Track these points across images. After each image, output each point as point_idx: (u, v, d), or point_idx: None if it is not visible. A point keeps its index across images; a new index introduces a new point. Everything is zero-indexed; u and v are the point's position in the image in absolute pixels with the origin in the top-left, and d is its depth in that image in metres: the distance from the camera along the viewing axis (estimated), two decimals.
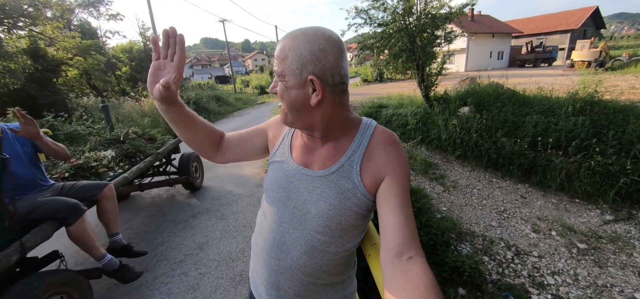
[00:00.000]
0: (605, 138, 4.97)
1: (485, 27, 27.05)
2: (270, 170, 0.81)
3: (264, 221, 0.80)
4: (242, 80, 29.90)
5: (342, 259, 0.76)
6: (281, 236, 0.74)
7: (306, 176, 0.73)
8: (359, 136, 0.74)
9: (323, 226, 0.70)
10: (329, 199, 0.69)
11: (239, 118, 10.93)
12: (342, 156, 0.72)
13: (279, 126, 0.86)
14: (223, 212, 3.12)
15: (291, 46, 0.64)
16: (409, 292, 0.50)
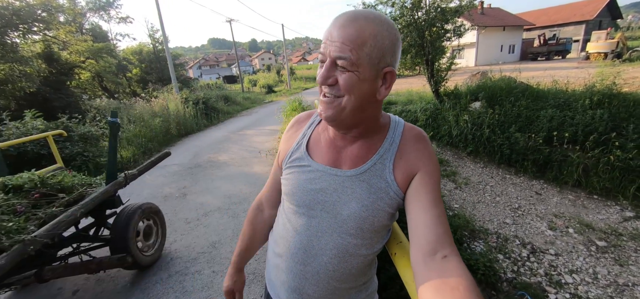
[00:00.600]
0: (625, 132, 4.79)
1: (496, 20, 26.45)
2: (289, 174, 0.76)
3: (287, 224, 0.76)
4: (249, 79, 30.08)
5: (370, 261, 0.75)
6: (309, 240, 0.71)
7: (335, 176, 0.70)
8: (391, 134, 0.72)
9: (355, 227, 0.68)
10: (362, 200, 0.67)
11: (248, 117, 10.99)
12: (374, 154, 0.69)
13: (289, 137, 0.83)
14: (234, 210, 3.14)
15: (372, 32, 0.57)
16: (446, 293, 0.47)
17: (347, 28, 0.57)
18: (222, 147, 6.12)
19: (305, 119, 0.84)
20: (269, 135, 6.92)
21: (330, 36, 0.59)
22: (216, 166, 4.80)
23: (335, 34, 0.58)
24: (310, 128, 0.80)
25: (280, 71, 31.94)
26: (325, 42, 0.60)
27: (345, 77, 0.59)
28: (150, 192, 3.83)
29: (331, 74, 0.60)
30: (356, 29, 0.56)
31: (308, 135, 0.79)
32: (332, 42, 0.58)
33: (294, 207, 0.74)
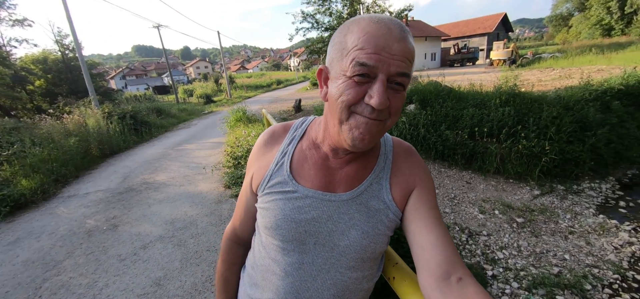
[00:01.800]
0: (528, 125, 5.76)
1: (419, 31, 29.67)
2: (269, 202, 0.63)
3: (272, 264, 0.64)
4: (184, 89, 27.90)
5: (368, 295, 0.67)
6: (301, 282, 0.61)
7: (328, 202, 0.60)
8: (383, 150, 0.66)
9: (355, 259, 0.61)
10: (361, 226, 0.60)
11: (186, 130, 10.12)
12: (369, 174, 0.63)
13: (262, 155, 0.69)
14: (180, 237, 2.80)
15: (414, 45, 0.52)
16: None
17: (406, 42, 0.50)
18: (158, 165, 5.48)
19: (281, 134, 0.70)
20: (213, 148, 6.46)
21: (386, 48, 0.48)
22: (153, 187, 4.26)
23: (395, 47, 0.48)
24: (290, 145, 0.67)
25: (218, 80, 30.40)
26: (376, 56, 0.48)
27: (400, 96, 0.52)
28: (69, 228, 3.18)
29: (387, 94, 0.50)
30: (411, 44, 0.51)
31: (290, 153, 0.66)
32: (391, 57, 0.48)
33: (278, 243, 0.62)
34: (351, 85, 0.50)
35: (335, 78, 0.53)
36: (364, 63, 0.48)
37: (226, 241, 0.79)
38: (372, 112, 0.50)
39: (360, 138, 0.53)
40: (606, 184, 5.45)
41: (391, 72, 0.49)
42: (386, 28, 0.49)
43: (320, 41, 10.06)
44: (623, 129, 6.07)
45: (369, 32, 0.49)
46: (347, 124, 0.53)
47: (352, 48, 0.50)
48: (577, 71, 11.05)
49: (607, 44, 20.74)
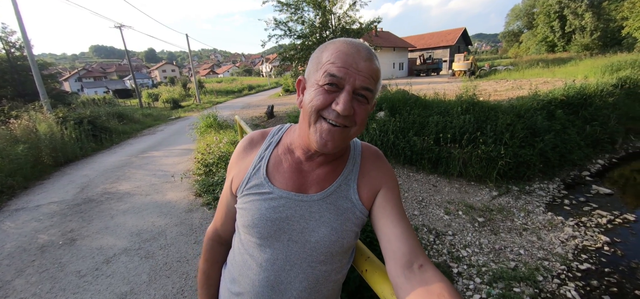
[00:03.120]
0: (485, 131, 6.25)
1: (388, 41, 30.96)
2: (247, 203, 0.68)
3: (249, 260, 0.69)
4: (149, 93, 26.44)
5: (340, 287, 0.74)
6: (276, 275, 0.66)
7: (300, 202, 0.66)
8: (353, 154, 0.73)
9: (325, 253, 0.67)
10: (330, 223, 0.66)
11: (151, 136, 9.59)
12: (338, 176, 0.69)
13: (241, 160, 0.74)
14: (148, 249, 2.66)
15: (380, 71, 0.61)
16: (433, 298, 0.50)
17: (373, 62, 0.58)
18: (121, 174, 5.15)
19: (259, 140, 0.76)
20: (182, 155, 6.20)
21: (353, 65, 0.56)
22: (116, 198, 4.00)
23: (361, 65, 0.57)
24: (267, 150, 0.73)
25: (186, 84, 29.22)
26: (344, 69, 0.56)
27: (364, 108, 0.59)
28: (17, 245, 2.88)
29: (353, 103, 0.57)
30: (376, 65, 0.59)
31: (266, 158, 0.71)
32: (357, 72, 0.56)
33: (255, 240, 0.67)
34: (322, 92, 0.58)
35: (309, 87, 0.61)
36: (334, 74, 0.56)
37: (208, 240, 0.83)
38: (338, 117, 0.57)
39: (324, 143, 0.59)
40: (553, 184, 6.06)
41: (356, 86, 0.56)
42: (355, 48, 0.58)
43: (293, 48, 10.12)
44: (565, 135, 6.80)
45: (340, 50, 0.58)
46: (314, 127, 0.60)
47: (326, 62, 0.58)
48: (526, 83, 12.19)
49: (552, 59, 23.14)
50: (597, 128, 7.34)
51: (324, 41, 9.05)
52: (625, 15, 23.05)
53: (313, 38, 9.09)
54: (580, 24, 29.93)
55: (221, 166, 4.23)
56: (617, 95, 8.47)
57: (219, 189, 3.53)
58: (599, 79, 9.70)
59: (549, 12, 33.01)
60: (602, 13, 28.74)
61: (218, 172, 4.06)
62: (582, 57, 20.52)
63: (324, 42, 5.81)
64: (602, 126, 7.48)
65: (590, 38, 28.49)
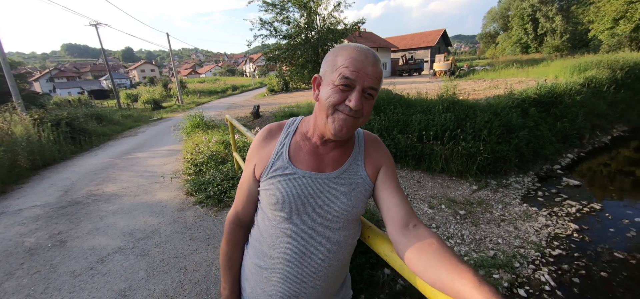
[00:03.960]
0: (465, 128, 6.57)
1: (371, 42, 31.41)
2: (273, 183, 0.79)
3: (278, 232, 0.79)
4: (127, 94, 25.57)
5: (352, 250, 0.86)
6: (304, 242, 0.78)
7: (320, 180, 0.79)
8: (357, 140, 0.88)
9: (343, 221, 0.80)
10: (346, 195, 0.79)
11: (133, 138, 9.35)
12: (349, 157, 0.83)
13: (262, 148, 0.85)
14: (143, 247, 2.67)
15: (382, 69, 0.75)
16: (426, 247, 0.64)
17: (378, 66, 0.72)
18: (106, 176, 5.03)
19: (277, 130, 0.87)
20: (168, 156, 6.12)
21: (363, 69, 0.70)
22: (103, 199, 3.93)
23: (369, 69, 0.70)
24: (286, 138, 0.84)
25: (167, 84, 28.45)
26: (356, 72, 0.69)
27: (370, 103, 0.74)
28: (2, 249, 2.80)
29: (361, 101, 0.71)
30: (380, 68, 0.73)
31: (287, 145, 0.83)
32: (367, 75, 0.70)
33: (284, 214, 0.78)
34: (337, 91, 0.71)
35: (326, 85, 0.74)
36: (348, 77, 0.70)
37: (230, 224, 0.92)
38: (350, 111, 0.71)
39: (339, 129, 0.73)
40: (527, 177, 6.46)
41: (365, 86, 0.70)
42: (364, 55, 0.71)
43: (279, 48, 10.15)
44: (538, 131, 7.25)
45: (352, 56, 0.71)
46: (331, 117, 0.73)
47: (340, 66, 0.71)
48: (503, 82, 12.81)
49: (525, 59, 24.35)
50: (566, 124, 7.87)
51: (310, 42, 9.11)
52: (591, 19, 24.62)
53: (299, 38, 9.17)
54: (551, 27, 31.65)
55: (211, 165, 4.25)
56: (584, 93, 9.10)
57: (211, 187, 3.56)
58: (568, 78, 10.37)
59: (523, 15, 34.67)
60: (571, 17, 30.52)
61: (208, 172, 4.07)
62: (553, 58, 21.74)
63: (309, 42, 6.04)
64: (571, 122, 8.02)
65: (560, 40, 30.18)
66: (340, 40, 9.91)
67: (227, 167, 3.98)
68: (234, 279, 0.93)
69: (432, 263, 0.61)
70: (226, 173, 3.80)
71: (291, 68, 9.86)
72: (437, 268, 0.59)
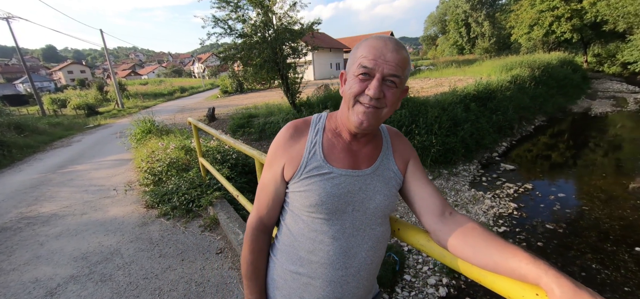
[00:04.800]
0: (419, 123, 7.09)
1: (324, 42, 31.94)
2: (309, 185, 0.75)
3: (319, 235, 0.76)
4: (52, 98, 22.26)
5: (387, 246, 0.89)
6: (347, 242, 0.76)
7: (357, 177, 0.77)
8: (384, 135, 0.87)
9: (381, 216, 0.80)
10: (383, 191, 0.79)
11: (67, 149, 8.19)
12: (380, 153, 0.83)
13: (290, 147, 0.80)
14: (102, 272, 2.37)
15: (408, 59, 0.71)
16: (470, 232, 0.67)
17: (399, 53, 0.68)
18: (39, 194, 4.34)
19: (304, 127, 0.83)
20: (116, 166, 5.50)
21: (381, 56, 0.67)
22: (39, 221, 3.39)
23: (389, 56, 0.67)
24: (317, 135, 0.80)
25: (103, 87, 25.43)
26: (374, 60, 0.67)
27: (393, 92, 0.70)
28: None
29: (382, 88, 0.68)
30: (404, 56, 0.69)
31: (319, 142, 0.79)
32: (386, 62, 0.67)
33: (324, 216, 0.75)
34: (357, 81, 0.70)
35: (349, 79, 0.73)
36: (366, 66, 0.68)
37: (253, 230, 0.86)
38: (371, 100, 0.68)
39: (360, 122, 0.71)
40: (473, 165, 7.21)
41: (385, 73, 0.68)
42: (383, 42, 0.69)
43: (234, 47, 9.79)
44: (479, 124, 8.13)
45: (371, 45, 0.69)
46: (353, 109, 0.72)
47: (360, 56, 0.70)
48: (446, 80, 14.08)
49: (462, 60, 27.09)
50: (500, 117, 8.97)
51: (268, 40, 8.92)
52: (512, 24, 28.31)
53: (256, 37, 8.95)
54: (481, 31, 35.65)
55: (172, 173, 3.93)
56: (512, 89, 10.45)
57: (176, 197, 3.30)
58: (498, 77, 11.80)
59: (457, 20, 38.46)
60: (496, 22, 34.73)
61: (170, 180, 3.76)
62: (484, 58, 24.53)
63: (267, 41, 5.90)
64: (504, 114, 9.16)
65: (489, 43, 34.16)
66: (297, 41, 9.91)
67: (192, 174, 3.72)
68: (260, 289, 0.88)
69: (481, 246, 0.63)
70: (191, 181, 3.56)
71: (248, 68, 9.55)
72: (487, 250, 0.62)
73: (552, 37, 23.82)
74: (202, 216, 3.11)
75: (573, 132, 10.40)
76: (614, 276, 3.74)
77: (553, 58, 16.52)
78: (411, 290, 3.67)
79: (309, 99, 10.52)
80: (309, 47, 10.19)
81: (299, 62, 10.38)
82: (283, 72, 9.25)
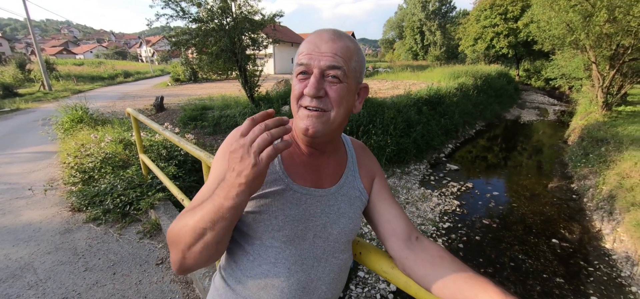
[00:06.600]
0: (376, 124, 7.32)
1: (286, 36, 31.44)
2: (265, 205, 0.62)
3: (274, 268, 0.64)
4: None
5: None
6: (306, 275, 0.65)
7: (320, 197, 0.66)
8: (348, 147, 0.77)
9: (344, 242, 0.70)
10: (347, 213, 0.69)
11: None
12: (345, 168, 0.73)
13: None
14: (7, 292, 1.96)
15: (355, 49, 0.61)
16: (439, 261, 0.61)
17: (337, 42, 0.59)
18: None
19: None
20: (35, 160, 4.70)
21: (316, 49, 0.58)
22: None
23: (323, 47, 0.58)
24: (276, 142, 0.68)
25: (25, 65, 21.79)
26: (309, 55, 0.59)
27: (336, 88, 0.59)
28: None
29: (321, 85, 0.58)
30: (345, 44, 0.60)
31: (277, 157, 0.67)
32: (320, 54, 0.58)
33: (280, 244, 0.63)
34: (297, 82, 0.61)
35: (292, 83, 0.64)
36: (301, 62, 0.60)
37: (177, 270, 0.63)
38: (311, 101, 0.58)
39: (305, 128, 0.60)
40: (423, 165, 7.67)
41: (322, 66, 0.58)
42: (318, 34, 0.61)
43: (187, 32, 9.10)
44: (429, 126, 8.69)
45: (307, 40, 0.61)
46: (298, 115, 0.61)
47: (298, 54, 0.62)
48: (401, 84, 14.81)
49: (416, 65, 28.83)
50: (447, 120, 9.69)
51: (225, 29, 8.43)
52: (460, 36, 30.91)
53: (212, 24, 8.39)
54: (433, 40, 38.32)
55: (107, 170, 3.46)
56: (458, 96, 11.36)
57: (109, 199, 2.89)
58: (447, 83, 12.75)
59: (413, 27, 40.80)
60: (447, 33, 37.62)
61: (103, 179, 3.31)
62: (435, 65, 26.35)
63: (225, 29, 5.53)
64: (450, 118, 9.92)
65: (440, 51, 36.89)
66: (258, 32, 9.52)
67: (131, 172, 3.30)
68: None
69: (450, 277, 0.58)
70: (130, 180, 3.16)
71: (203, 56, 8.94)
72: (456, 282, 0.57)
73: (492, 51, 26.58)
74: (142, 220, 2.77)
75: (506, 136, 11.71)
76: (535, 265, 4.26)
77: (492, 70, 18.41)
78: (365, 286, 3.77)
79: (268, 93, 10.22)
80: (269, 39, 9.88)
81: (259, 54, 10.01)
82: (241, 64, 8.83)
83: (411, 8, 39.76)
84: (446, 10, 38.42)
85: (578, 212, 5.66)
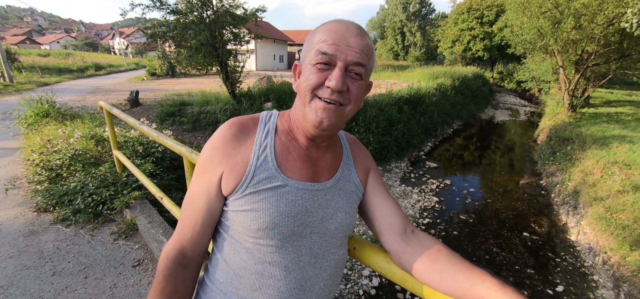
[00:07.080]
0: (358, 121, 7.40)
1: (268, 32, 31.03)
2: (258, 201, 0.60)
3: (269, 267, 0.61)
4: None
5: None
6: (303, 273, 0.63)
7: (317, 191, 0.64)
8: (343, 141, 0.76)
9: (342, 238, 0.69)
10: (344, 207, 0.67)
11: None
12: (341, 161, 0.71)
13: (232, 150, 0.62)
14: None
15: (373, 48, 0.61)
16: (436, 255, 0.60)
17: (363, 38, 0.58)
18: None
19: (251, 126, 0.66)
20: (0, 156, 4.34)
21: (344, 41, 0.56)
22: None
23: (352, 41, 0.57)
24: (268, 137, 0.64)
25: None
26: (335, 46, 0.56)
27: (358, 84, 0.59)
28: None
29: (345, 79, 0.57)
30: (368, 42, 0.59)
31: (270, 146, 0.63)
32: (348, 48, 0.56)
33: (276, 242, 0.60)
34: (314, 71, 0.57)
35: (304, 69, 0.60)
36: (325, 52, 0.56)
37: (169, 264, 0.65)
38: (332, 94, 0.56)
39: (319, 120, 0.58)
40: (403, 163, 7.85)
41: (348, 61, 0.56)
42: (345, 25, 0.59)
43: (164, 24, 8.74)
44: (410, 125, 8.90)
45: (330, 28, 0.58)
46: (310, 106, 0.59)
47: (317, 41, 0.58)
48: (383, 83, 15.05)
49: (397, 65, 29.37)
50: (427, 120, 9.97)
51: (206, 22, 8.19)
52: (439, 38, 31.84)
53: (192, 16, 8.10)
54: (414, 41, 39.20)
55: (77, 168, 3.25)
56: (437, 96, 11.71)
57: (79, 198, 2.72)
58: (427, 83, 13.10)
59: (394, 27, 41.53)
60: (427, 34, 38.62)
61: (73, 177, 3.10)
62: (415, 66, 27.01)
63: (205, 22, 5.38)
64: (430, 118, 10.21)
65: (420, 52, 37.80)
66: (239, 27, 9.31)
67: (104, 169, 3.12)
68: None
69: (448, 270, 0.57)
70: (103, 178, 2.98)
71: (181, 50, 8.62)
72: (454, 275, 0.56)
73: (469, 53, 27.60)
74: (116, 220, 2.63)
75: (481, 136, 12.22)
76: (508, 257, 4.48)
77: (469, 71, 19.14)
78: (348, 282, 3.80)
79: (250, 89, 10.03)
80: (251, 35, 9.69)
81: (241, 49, 9.79)
82: (222, 59, 8.61)
83: (392, 9, 40.45)
84: (426, 12, 39.43)
85: (546, 207, 6.01)
